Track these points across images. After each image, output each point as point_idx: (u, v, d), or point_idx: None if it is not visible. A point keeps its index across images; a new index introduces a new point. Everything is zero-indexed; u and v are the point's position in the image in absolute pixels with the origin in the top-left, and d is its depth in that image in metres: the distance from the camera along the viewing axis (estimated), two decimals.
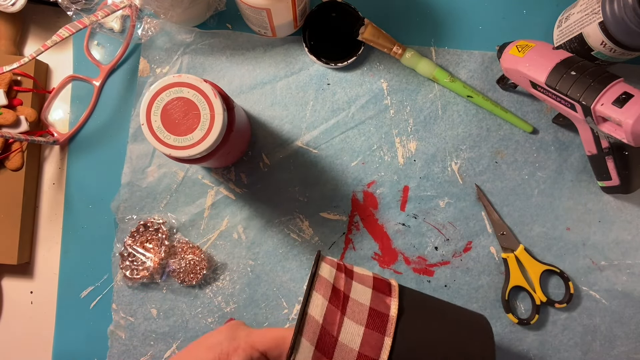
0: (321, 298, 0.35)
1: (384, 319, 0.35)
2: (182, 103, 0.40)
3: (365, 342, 0.34)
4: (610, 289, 0.53)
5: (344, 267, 0.39)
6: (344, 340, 0.34)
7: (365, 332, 0.34)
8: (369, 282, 0.38)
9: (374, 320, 0.35)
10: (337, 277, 0.37)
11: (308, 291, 0.35)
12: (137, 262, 0.53)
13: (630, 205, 0.53)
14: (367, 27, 0.52)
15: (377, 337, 0.34)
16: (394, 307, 0.36)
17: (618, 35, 0.44)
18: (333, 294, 0.35)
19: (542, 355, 0.53)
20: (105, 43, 0.57)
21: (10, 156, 0.53)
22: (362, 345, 0.34)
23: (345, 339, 0.34)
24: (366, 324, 0.34)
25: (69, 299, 0.55)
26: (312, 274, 0.36)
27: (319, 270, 0.37)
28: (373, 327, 0.35)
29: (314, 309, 0.34)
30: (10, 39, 0.55)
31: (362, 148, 0.54)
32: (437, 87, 0.54)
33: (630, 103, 0.40)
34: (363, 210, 0.54)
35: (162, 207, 0.54)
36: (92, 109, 0.56)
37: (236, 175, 0.55)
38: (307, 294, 0.35)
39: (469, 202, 0.54)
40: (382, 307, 0.36)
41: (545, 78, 0.45)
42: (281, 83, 0.55)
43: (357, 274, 0.38)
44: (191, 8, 0.52)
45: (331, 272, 0.37)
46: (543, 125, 0.54)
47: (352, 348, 0.34)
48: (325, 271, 0.37)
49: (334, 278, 0.36)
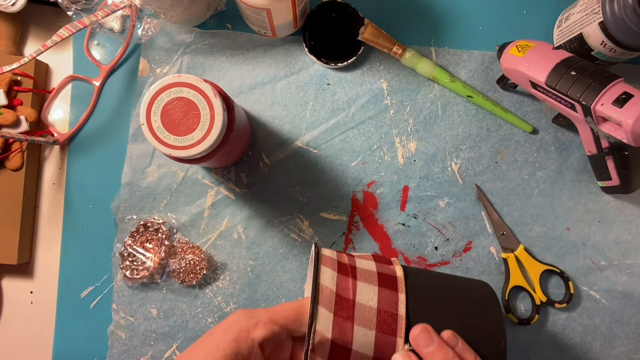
0: (329, 270, 0.36)
1: (393, 279, 0.36)
2: (182, 103, 0.40)
3: (382, 299, 0.35)
4: (610, 289, 0.53)
5: (343, 252, 0.41)
6: (362, 300, 0.35)
7: (379, 291, 0.35)
8: (369, 258, 0.40)
9: (384, 281, 0.36)
10: (340, 256, 0.38)
11: (316, 265, 0.36)
12: (137, 262, 0.53)
13: (630, 205, 0.53)
14: (367, 27, 0.52)
15: (391, 294, 0.35)
16: (399, 270, 0.38)
17: (618, 35, 0.44)
18: (340, 267, 0.37)
19: (542, 355, 0.53)
20: (105, 43, 0.57)
21: (10, 156, 0.53)
22: (380, 302, 0.35)
23: (363, 299, 0.35)
24: (378, 283, 0.36)
25: (69, 299, 0.55)
26: (316, 252, 0.37)
27: (321, 251, 0.38)
28: (385, 285, 0.36)
29: (325, 279, 0.35)
30: (10, 39, 0.55)
31: (362, 148, 0.54)
32: (437, 87, 0.54)
33: (630, 103, 0.40)
34: (363, 210, 0.54)
35: (162, 207, 0.54)
36: (92, 109, 0.56)
37: (236, 175, 0.55)
38: (316, 267, 0.35)
39: (469, 202, 0.54)
40: (388, 271, 0.37)
41: (545, 78, 0.45)
42: (281, 83, 0.55)
43: (357, 255, 0.41)
44: (191, 8, 0.52)
45: (332, 253, 0.39)
46: (543, 125, 0.54)
47: (371, 306, 0.34)
48: (327, 251, 0.38)
49: (337, 256, 0.38)
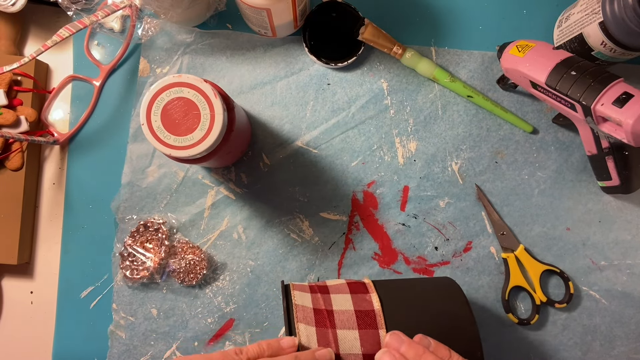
0: (305, 326, 0.36)
1: (371, 315, 0.37)
2: (182, 103, 0.40)
3: (365, 342, 0.35)
4: (610, 289, 0.53)
5: (316, 286, 0.40)
6: (345, 350, 0.35)
7: (360, 334, 0.36)
8: (345, 289, 0.40)
9: (364, 320, 0.37)
10: (314, 299, 0.38)
11: (289, 324, 0.36)
12: (137, 262, 0.53)
13: (630, 205, 0.53)
14: (367, 27, 0.52)
15: (372, 333, 0.36)
16: (375, 301, 0.38)
17: (618, 35, 0.44)
18: (316, 315, 0.36)
19: (542, 355, 0.53)
20: (105, 43, 0.57)
21: (11, 156, 0.53)
22: (363, 346, 0.35)
23: (346, 349, 0.35)
24: (358, 326, 0.36)
25: (69, 298, 0.55)
26: (286, 307, 0.37)
27: (293, 300, 0.37)
28: (365, 326, 0.36)
29: (304, 339, 0.35)
30: (10, 39, 0.55)
31: (362, 148, 0.54)
32: (437, 87, 0.54)
33: (630, 103, 0.40)
34: (363, 210, 0.54)
35: (162, 207, 0.54)
36: (92, 109, 0.56)
37: (236, 175, 0.55)
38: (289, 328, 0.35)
39: (469, 202, 0.54)
40: (365, 305, 0.38)
41: (545, 78, 0.45)
42: (281, 83, 0.55)
43: (331, 287, 0.40)
44: (191, 8, 0.52)
45: (304, 297, 0.38)
46: (543, 125, 0.54)
47: (356, 353, 0.35)
48: (298, 298, 0.38)
49: (311, 301, 0.38)
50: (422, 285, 0.43)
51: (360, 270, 0.53)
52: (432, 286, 0.43)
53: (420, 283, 0.43)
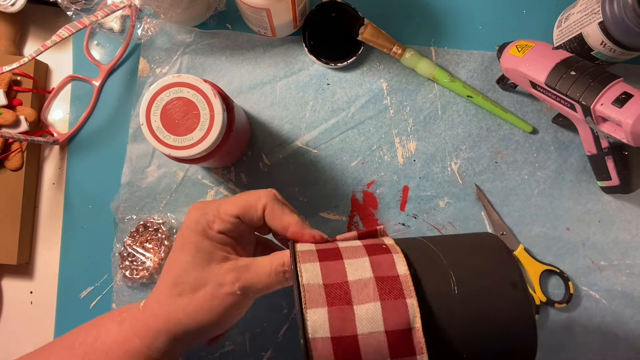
0: (310, 264, 0.31)
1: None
2: (181, 103, 0.40)
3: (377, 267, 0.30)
4: (610, 289, 0.53)
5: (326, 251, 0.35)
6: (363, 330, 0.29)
7: (372, 260, 0.31)
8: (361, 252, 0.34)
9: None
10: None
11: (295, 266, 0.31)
12: (137, 262, 0.53)
13: (630, 205, 0.53)
14: (367, 27, 0.52)
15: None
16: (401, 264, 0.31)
17: (618, 35, 0.44)
18: (321, 254, 0.32)
19: (542, 355, 0.53)
20: (105, 43, 0.57)
21: (10, 156, 0.53)
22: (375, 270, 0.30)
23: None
24: (368, 252, 0.32)
25: (69, 299, 0.55)
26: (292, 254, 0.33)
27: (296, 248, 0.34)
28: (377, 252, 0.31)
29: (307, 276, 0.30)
30: (10, 39, 0.55)
31: (362, 148, 0.54)
32: (437, 87, 0.54)
33: (630, 103, 0.40)
34: (363, 210, 0.54)
35: (161, 207, 0.54)
36: (91, 109, 0.56)
37: (236, 175, 0.55)
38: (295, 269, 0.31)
39: (468, 202, 0.54)
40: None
41: (545, 78, 0.45)
42: (281, 83, 0.55)
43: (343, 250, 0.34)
44: (191, 8, 0.52)
45: (310, 246, 0.35)
46: (543, 125, 0.54)
47: (367, 277, 0.30)
48: (304, 246, 0.35)
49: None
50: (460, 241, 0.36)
51: None
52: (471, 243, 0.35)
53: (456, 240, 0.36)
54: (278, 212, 0.37)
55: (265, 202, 0.37)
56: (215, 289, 0.36)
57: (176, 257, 0.37)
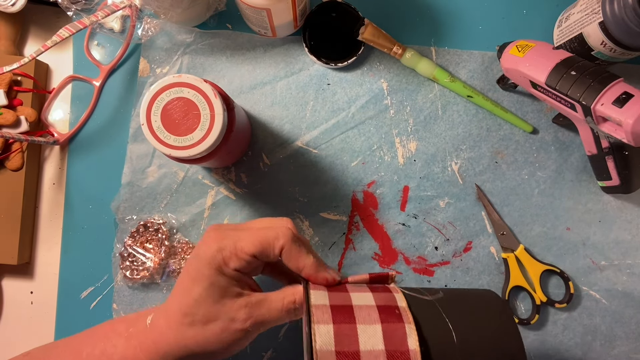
0: (324, 327, 0.32)
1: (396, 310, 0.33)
2: (182, 103, 0.40)
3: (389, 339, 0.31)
4: (610, 289, 0.53)
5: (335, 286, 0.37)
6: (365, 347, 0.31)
7: (384, 329, 0.32)
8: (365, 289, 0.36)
9: (387, 315, 0.32)
10: (331, 297, 0.34)
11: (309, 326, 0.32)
12: (137, 262, 0.53)
13: (630, 205, 0.53)
14: (367, 27, 0.52)
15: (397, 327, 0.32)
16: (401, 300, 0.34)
17: (618, 35, 0.44)
18: (335, 312, 0.33)
19: (542, 355, 0.53)
20: (105, 43, 0.57)
21: (11, 156, 0.53)
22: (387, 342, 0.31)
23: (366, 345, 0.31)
24: (381, 318, 0.32)
25: (69, 299, 0.55)
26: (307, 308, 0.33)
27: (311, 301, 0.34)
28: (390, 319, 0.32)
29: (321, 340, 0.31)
30: (10, 39, 0.55)
31: (362, 148, 0.54)
32: (437, 87, 0.54)
33: (630, 103, 0.40)
34: (363, 210, 0.54)
35: (162, 207, 0.54)
36: (92, 109, 0.56)
37: (236, 175, 0.55)
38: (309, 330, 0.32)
39: (469, 202, 0.54)
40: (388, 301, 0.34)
41: (545, 78, 0.45)
42: (281, 83, 0.55)
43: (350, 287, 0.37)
44: (191, 8, 0.52)
45: (323, 294, 0.35)
46: (543, 125, 0.54)
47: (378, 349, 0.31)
48: (318, 295, 0.35)
49: (328, 298, 0.34)
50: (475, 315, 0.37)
51: (360, 270, 0.53)
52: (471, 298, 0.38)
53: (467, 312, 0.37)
54: (295, 253, 0.37)
55: (283, 243, 0.37)
56: (227, 324, 0.36)
57: (188, 286, 0.37)
